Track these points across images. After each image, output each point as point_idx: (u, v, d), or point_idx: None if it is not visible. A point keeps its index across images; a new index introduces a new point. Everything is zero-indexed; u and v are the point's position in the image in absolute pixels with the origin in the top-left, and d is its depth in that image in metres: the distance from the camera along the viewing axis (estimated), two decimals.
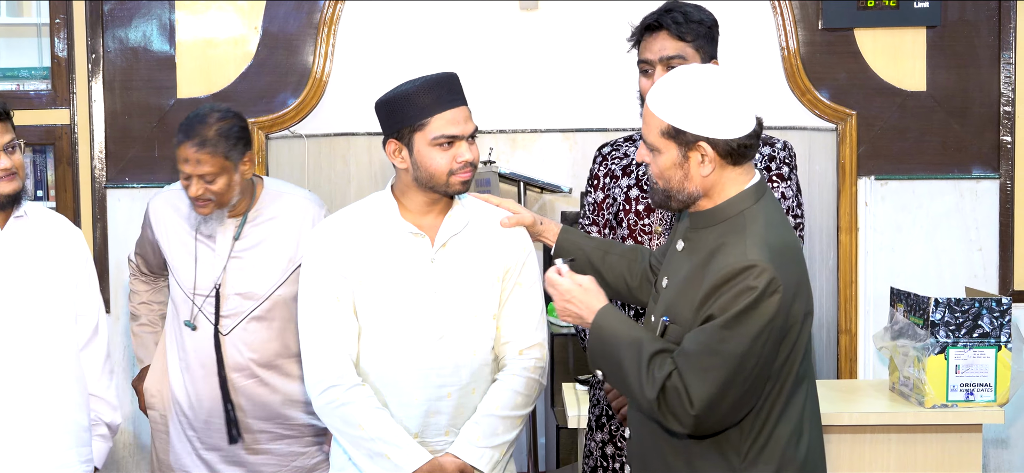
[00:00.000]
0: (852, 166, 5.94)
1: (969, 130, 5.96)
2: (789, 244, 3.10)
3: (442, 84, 3.54)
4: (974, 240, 6.00)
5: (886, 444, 4.34)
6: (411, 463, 3.51)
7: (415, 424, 3.57)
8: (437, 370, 3.56)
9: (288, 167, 6.11)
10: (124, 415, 5.51)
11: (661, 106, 3.10)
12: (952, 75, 5.94)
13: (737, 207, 3.11)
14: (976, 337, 4.33)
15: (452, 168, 3.52)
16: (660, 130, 3.10)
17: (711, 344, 3.00)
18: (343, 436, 3.57)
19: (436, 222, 3.61)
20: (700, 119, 3.06)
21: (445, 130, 3.50)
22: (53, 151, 5.87)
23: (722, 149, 3.07)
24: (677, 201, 3.16)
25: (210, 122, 4.24)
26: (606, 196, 4.14)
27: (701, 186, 3.12)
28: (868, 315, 6.00)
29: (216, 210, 4.34)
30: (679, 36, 3.85)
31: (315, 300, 3.60)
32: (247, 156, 4.32)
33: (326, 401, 3.56)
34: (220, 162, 4.23)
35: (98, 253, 5.87)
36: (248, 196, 4.42)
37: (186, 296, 4.47)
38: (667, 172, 3.12)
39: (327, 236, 3.63)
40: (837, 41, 5.93)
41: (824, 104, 5.93)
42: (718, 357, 2.99)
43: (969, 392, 4.34)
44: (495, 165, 6.20)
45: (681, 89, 3.10)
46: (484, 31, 6.27)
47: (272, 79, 5.93)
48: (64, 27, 5.79)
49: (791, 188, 3.95)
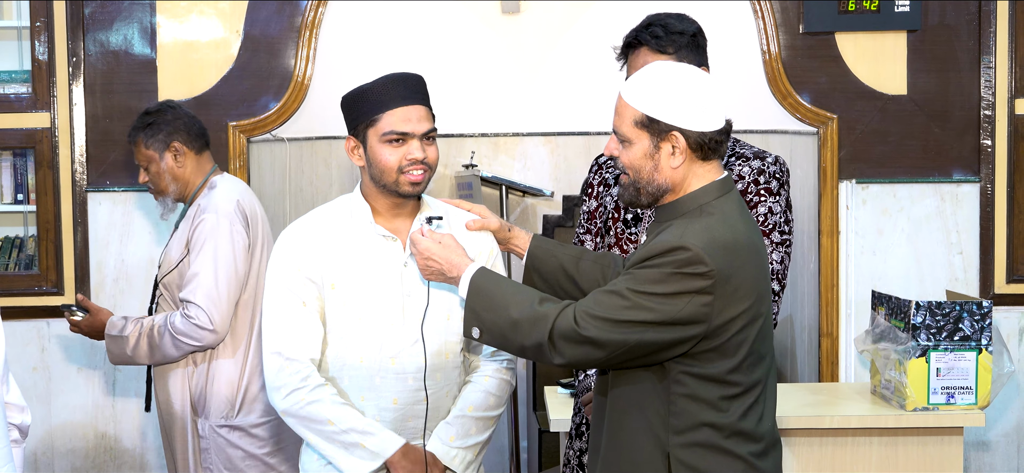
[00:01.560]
0: (833, 170, 5.98)
1: (950, 134, 6.00)
2: (741, 243, 3.13)
3: (399, 81, 3.53)
4: (955, 243, 6.04)
5: (867, 447, 4.34)
6: (387, 448, 3.51)
7: (392, 428, 3.57)
8: (413, 374, 3.56)
9: (269, 171, 6.12)
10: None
11: (635, 96, 3.17)
12: (933, 79, 5.98)
13: (698, 200, 3.16)
14: (957, 340, 4.33)
15: (401, 166, 3.50)
16: (633, 120, 3.17)
17: (619, 290, 3.08)
18: (314, 435, 3.54)
19: (405, 225, 3.60)
20: (674, 109, 3.12)
21: (395, 126, 3.48)
22: (33, 155, 5.87)
23: (693, 141, 3.13)
24: (646, 194, 3.20)
25: (137, 122, 4.83)
26: (598, 205, 4.16)
27: (670, 179, 3.16)
28: (850, 318, 6.02)
29: (161, 198, 4.84)
30: (660, 50, 3.86)
31: (280, 304, 3.58)
32: (171, 146, 4.76)
33: (292, 404, 3.53)
34: (144, 153, 4.79)
35: (79, 257, 5.89)
36: (202, 187, 4.80)
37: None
38: (637, 162, 3.18)
39: (295, 239, 3.61)
40: (818, 45, 5.97)
41: (805, 108, 5.97)
42: (621, 299, 3.07)
43: (950, 395, 4.35)
44: (477, 169, 6.20)
45: (656, 80, 3.16)
46: (466, 34, 6.28)
47: (253, 82, 5.95)
48: (45, 30, 5.80)
49: (779, 204, 3.95)
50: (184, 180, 4.80)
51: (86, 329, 4.87)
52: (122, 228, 5.94)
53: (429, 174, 3.56)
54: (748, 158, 3.99)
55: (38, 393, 5.99)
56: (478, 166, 6.26)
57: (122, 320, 4.76)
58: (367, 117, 3.52)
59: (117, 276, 5.95)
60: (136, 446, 6.06)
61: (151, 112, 4.83)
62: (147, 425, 5.98)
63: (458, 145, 6.35)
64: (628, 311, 3.06)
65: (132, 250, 5.94)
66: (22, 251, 6.06)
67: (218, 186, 4.75)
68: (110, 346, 4.76)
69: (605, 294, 3.11)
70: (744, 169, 3.96)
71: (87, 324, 4.84)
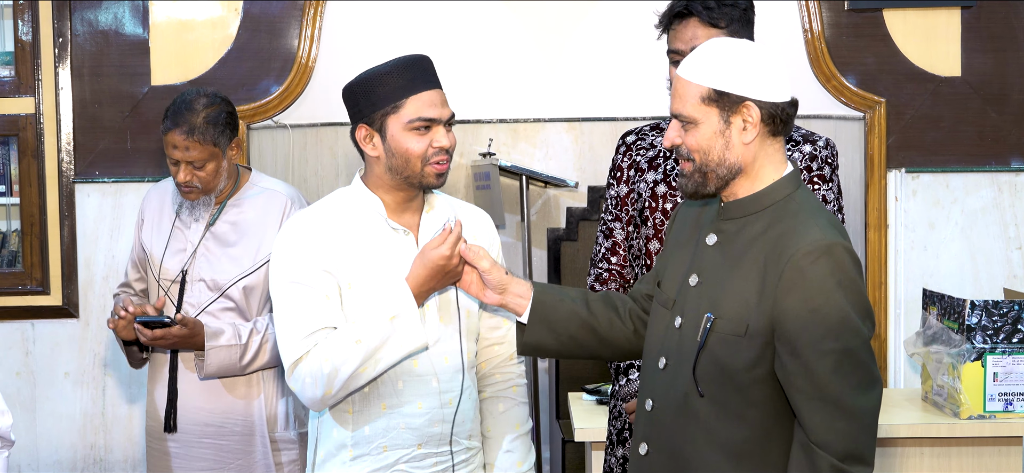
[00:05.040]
0: (881, 158, 5.97)
1: (1007, 119, 5.99)
2: (845, 235, 3.19)
3: (416, 65, 3.50)
4: (1013, 237, 6.02)
5: (918, 458, 4.36)
6: (407, 303, 3.41)
7: (416, 436, 3.53)
8: (437, 375, 3.53)
9: (271, 158, 6.13)
10: None
11: (700, 72, 3.16)
12: (989, 59, 5.96)
13: (781, 191, 3.17)
14: (1015, 342, 4.34)
15: (427, 155, 3.47)
16: (700, 96, 3.15)
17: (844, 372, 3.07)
18: (349, 363, 3.40)
19: (414, 219, 3.59)
20: (744, 80, 3.12)
21: (422, 112, 3.45)
22: (17, 143, 5.87)
23: (766, 113, 3.13)
24: (715, 177, 3.18)
25: (198, 108, 4.40)
26: (630, 190, 4.16)
27: (742, 157, 3.15)
28: (899, 319, 6.02)
29: (202, 198, 4.50)
30: (711, 22, 3.87)
31: (298, 297, 3.49)
32: (234, 142, 4.49)
33: (311, 359, 3.42)
34: (209, 149, 4.40)
35: (66, 252, 5.89)
36: (231, 183, 4.56)
37: (154, 279, 4.59)
38: (706, 142, 3.16)
39: (305, 230, 3.55)
40: (865, 23, 5.96)
41: (851, 91, 5.96)
42: (854, 366, 3.08)
43: (1008, 402, 4.36)
44: (495, 157, 6.20)
45: (720, 54, 3.17)
46: (482, 11, 6.29)
47: (254, 65, 5.95)
48: (28, 9, 5.80)
49: (832, 191, 3.99)
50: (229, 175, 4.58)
51: (177, 341, 4.42)
52: (112, 222, 5.95)
53: (450, 162, 3.57)
54: (798, 142, 4.04)
55: (22, 400, 6.00)
56: (496, 155, 6.29)
57: (220, 325, 4.46)
58: (387, 103, 3.47)
59: (107, 273, 5.95)
60: (128, 457, 6.05)
61: (220, 99, 4.49)
62: (140, 435, 5.98)
63: (474, 132, 6.39)
64: (861, 368, 3.07)
65: (123, 245, 5.92)
66: (5, 247, 6.07)
67: (270, 185, 4.61)
68: (211, 359, 4.44)
69: (842, 399, 3.08)
70: (795, 154, 4.00)
71: (178, 336, 4.39)
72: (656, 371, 3.30)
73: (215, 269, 4.51)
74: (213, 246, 4.53)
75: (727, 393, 3.13)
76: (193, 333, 4.39)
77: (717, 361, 3.13)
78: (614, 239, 4.23)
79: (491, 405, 3.72)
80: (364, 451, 3.53)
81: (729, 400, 3.13)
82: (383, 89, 3.46)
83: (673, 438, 3.23)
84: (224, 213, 4.54)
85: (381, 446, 3.52)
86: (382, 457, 3.52)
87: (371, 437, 3.52)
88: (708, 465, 3.17)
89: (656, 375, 3.30)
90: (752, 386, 3.12)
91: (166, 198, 4.65)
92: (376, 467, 3.52)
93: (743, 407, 3.13)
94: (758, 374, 3.11)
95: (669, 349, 3.26)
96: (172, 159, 4.44)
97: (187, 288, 4.52)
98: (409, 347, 3.41)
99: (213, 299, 4.49)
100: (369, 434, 3.52)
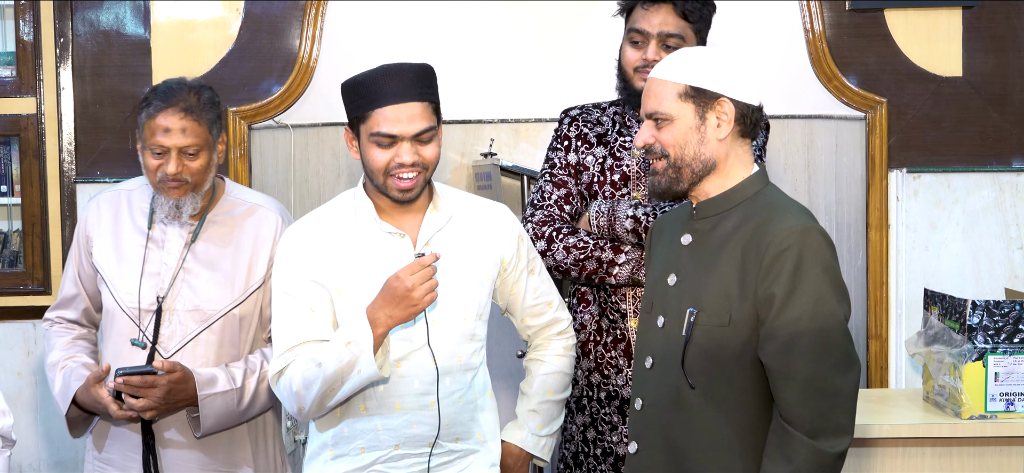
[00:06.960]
0: (882, 158, 5.95)
1: (1009, 119, 5.96)
2: (816, 221, 3.29)
3: (393, 75, 3.49)
4: (1015, 237, 6.01)
5: (919, 458, 4.32)
6: (362, 332, 3.39)
7: (394, 437, 3.58)
8: (419, 377, 3.56)
9: (272, 160, 6.11)
10: None
11: (676, 72, 3.29)
12: (990, 59, 5.94)
13: (751, 188, 3.32)
14: (1017, 342, 4.30)
15: (388, 169, 3.48)
16: (676, 93, 3.28)
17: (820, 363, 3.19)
18: (314, 386, 3.43)
19: (415, 220, 3.60)
20: (720, 77, 3.27)
21: (381, 126, 3.46)
22: (18, 143, 5.86)
23: (739, 112, 3.28)
24: (689, 173, 3.30)
25: (189, 90, 3.98)
26: (579, 161, 4.23)
27: (715, 152, 3.29)
28: (900, 319, 6.01)
29: (190, 195, 4.01)
30: (683, 14, 3.96)
31: (286, 309, 3.57)
32: (222, 137, 4.09)
33: (286, 375, 3.50)
34: (205, 135, 3.96)
35: (67, 253, 5.77)
36: (208, 196, 4.12)
37: (123, 310, 4.05)
38: (681, 138, 3.28)
39: (298, 242, 3.60)
40: (866, 23, 5.94)
41: (852, 91, 5.95)
42: (831, 354, 3.22)
43: (1010, 402, 4.32)
44: (496, 158, 6.17)
45: (696, 55, 3.32)
46: (486, 12, 6.25)
47: (255, 65, 5.94)
48: (29, 9, 5.79)
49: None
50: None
51: (165, 394, 3.85)
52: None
53: (424, 176, 3.54)
54: None
55: (24, 400, 5.98)
56: (498, 155, 6.23)
57: (210, 371, 3.97)
58: (359, 111, 3.52)
59: None
60: None
61: (206, 87, 4.05)
62: None
63: (476, 132, 6.32)
64: (837, 349, 3.20)
65: None
66: (6, 247, 6.05)
67: (252, 199, 4.20)
68: (209, 409, 3.93)
69: (820, 381, 3.18)
70: None
71: (167, 388, 3.84)
72: (644, 371, 3.39)
73: (199, 295, 4.02)
74: (196, 268, 4.05)
75: (717, 383, 3.23)
76: (185, 379, 3.86)
77: (705, 353, 3.23)
78: (568, 189, 4.24)
79: (532, 367, 3.83)
80: (343, 451, 3.60)
81: (719, 390, 3.23)
82: (358, 98, 3.50)
83: (666, 433, 3.32)
84: (205, 230, 4.09)
85: (359, 447, 3.57)
86: (360, 458, 3.58)
87: (350, 437, 3.58)
88: (704, 454, 3.26)
89: (645, 375, 3.39)
90: (740, 374, 3.22)
91: (122, 211, 4.16)
92: (353, 467, 3.58)
93: (733, 395, 3.23)
94: (745, 362, 3.21)
95: (655, 348, 3.35)
96: (159, 148, 3.96)
97: (164, 319, 4.00)
98: (365, 376, 3.41)
99: (197, 331, 4.01)
100: (348, 435, 3.58)
